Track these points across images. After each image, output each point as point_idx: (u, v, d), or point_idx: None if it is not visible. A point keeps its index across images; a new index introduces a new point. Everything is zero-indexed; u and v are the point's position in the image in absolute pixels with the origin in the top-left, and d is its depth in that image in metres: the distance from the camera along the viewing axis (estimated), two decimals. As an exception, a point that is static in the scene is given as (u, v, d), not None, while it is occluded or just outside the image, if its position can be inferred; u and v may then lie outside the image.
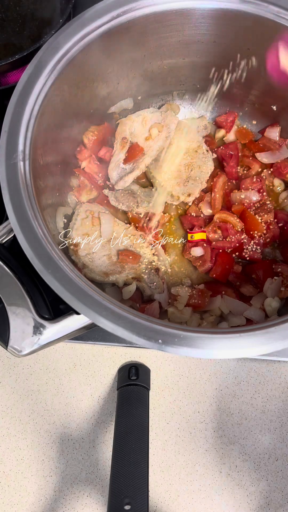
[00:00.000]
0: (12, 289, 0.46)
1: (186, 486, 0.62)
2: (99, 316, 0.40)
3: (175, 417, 0.64)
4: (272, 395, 0.65)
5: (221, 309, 0.58)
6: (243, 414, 0.64)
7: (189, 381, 0.65)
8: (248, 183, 0.64)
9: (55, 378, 0.66)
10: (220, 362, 0.66)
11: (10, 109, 0.47)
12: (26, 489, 0.62)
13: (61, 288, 0.40)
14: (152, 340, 0.39)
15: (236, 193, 0.64)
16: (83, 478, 0.62)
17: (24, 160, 0.46)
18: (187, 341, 0.39)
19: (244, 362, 0.66)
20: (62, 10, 0.68)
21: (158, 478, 0.62)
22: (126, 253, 0.58)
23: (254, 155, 0.68)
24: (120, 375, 0.65)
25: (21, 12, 0.71)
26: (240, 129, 0.70)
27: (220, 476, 0.62)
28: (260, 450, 0.62)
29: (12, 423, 0.64)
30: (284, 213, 0.65)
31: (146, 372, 0.65)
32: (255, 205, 0.64)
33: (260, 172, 0.68)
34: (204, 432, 0.63)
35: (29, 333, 0.45)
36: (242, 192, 0.64)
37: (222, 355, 0.39)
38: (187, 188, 0.64)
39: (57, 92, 0.51)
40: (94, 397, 0.65)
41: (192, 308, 0.58)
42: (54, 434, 0.64)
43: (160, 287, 0.59)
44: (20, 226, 0.43)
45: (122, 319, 0.40)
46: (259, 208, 0.64)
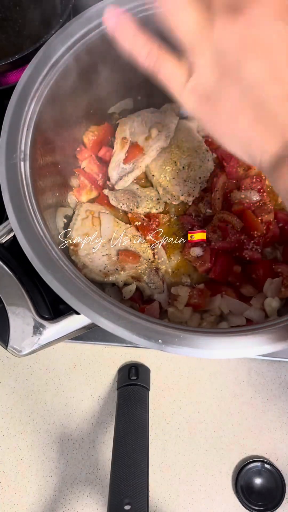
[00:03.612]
0: (12, 289, 0.46)
1: (186, 486, 0.62)
2: (99, 316, 0.40)
3: (175, 417, 0.64)
4: (272, 395, 0.65)
5: (221, 309, 0.58)
6: (243, 414, 0.64)
7: (189, 381, 0.65)
8: (248, 183, 0.64)
9: (55, 378, 0.66)
10: (220, 362, 0.66)
11: (10, 109, 0.47)
12: (26, 489, 0.62)
13: (61, 288, 0.40)
14: (152, 340, 0.39)
15: (236, 193, 0.64)
16: (83, 478, 0.62)
17: (24, 160, 0.45)
18: (187, 341, 0.39)
19: (244, 362, 0.66)
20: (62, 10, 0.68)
21: (158, 478, 0.62)
22: (126, 253, 0.58)
23: (254, 155, 0.68)
24: (120, 375, 0.65)
25: (21, 12, 0.71)
26: (240, 129, 0.70)
27: (220, 476, 0.62)
28: (260, 450, 0.62)
29: (12, 423, 0.64)
30: (284, 213, 0.64)
31: (146, 372, 0.65)
32: (255, 205, 0.64)
33: (260, 172, 0.68)
34: (204, 432, 0.63)
35: (29, 333, 0.45)
36: (242, 192, 0.64)
37: (222, 355, 0.39)
38: (187, 188, 0.64)
39: (57, 92, 0.51)
40: (94, 397, 0.65)
41: (192, 308, 0.58)
42: (54, 434, 0.64)
43: (160, 287, 0.59)
44: (20, 226, 0.43)
45: (122, 319, 0.40)
46: (259, 208, 0.63)
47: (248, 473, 0.61)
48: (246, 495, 0.60)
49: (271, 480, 0.60)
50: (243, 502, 0.59)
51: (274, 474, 0.60)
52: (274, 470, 0.61)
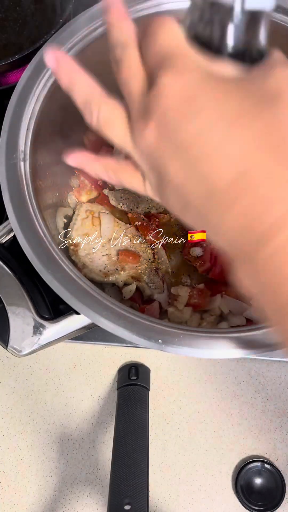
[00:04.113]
0: (12, 289, 0.46)
1: (186, 486, 0.62)
2: (99, 316, 0.40)
3: (175, 417, 0.64)
4: (272, 395, 0.65)
5: (221, 309, 0.58)
6: (243, 414, 0.64)
7: (189, 381, 0.65)
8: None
9: (55, 378, 0.66)
10: (220, 362, 0.66)
11: (10, 109, 0.47)
12: (26, 489, 0.62)
13: (61, 288, 0.40)
14: (152, 340, 0.39)
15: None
16: (83, 478, 0.62)
17: (24, 160, 0.45)
18: (187, 341, 0.39)
19: (244, 362, 0.66)
20: (62, 10, 0.68)
21: (158, 478, 0.62)
22: (126, 253, 0.58)
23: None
24: (120, 375, 0.65)
25: (21, 12, 0.71)
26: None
27: (220, 476, 0.62)
28: (260, 450, 0.62)
29: (12, 423, 0.64)
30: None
31: (146, 372, 0.65)
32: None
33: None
34: (204, 432, 0.63)
35: (29, 333, 0.45)
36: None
37: (222, 355, 0.39)
38: (187, 188, 0.64)
39: (57, 92, 0.51)
40: (94, 397, 0.65)
41: (192, 308, 0.58)
42: (54, 434, 0.64)
43: (160, 287, 0.59)
44: (20, 226, 0.43)
45: (122, 319, 0.40)
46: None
47: (248, 473, 0.61)
48: (246, 495, 0.60)
49: (271, 480, 0.60)
50: (243, 502, 0.60)
51: (274, 474, 0.60)
52: (274, 470, 0.61)
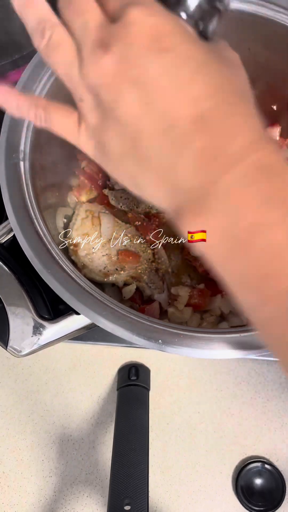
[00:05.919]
0: (11, 289, 0.45)
1: (186, 487, 0.61)
2: (99, 316, 0.40)
3: (175, 417, 0.64)
4: (272, 395, 0.64)
5: (221, 309, 0.58)
6: (243, 414, 0.64)
7: (189, 381, 0.65)
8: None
9: (54, 379, 0.66)
10: (220, 362, 0.66)
11: (10, 109, 0.47)
12: (25, 490, 0.62)
13: (61, 288, 0.40)
14: (152, 340, 0.39)
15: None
16: (83, 478, 0.62)
17: (24, 160, 0.45)
18: (187, 341, 0.39)
19: (244, 362, 0.66)
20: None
21: (158, 478, 0.62)
22: (126, 253, 0.58)
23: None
24: (120, 376, 0.65)
25: (21, 12, 0.71)
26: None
27: (220, 477, 0.62)
28: (260, 451, 0.62)
29: (11, 424, 0.64)
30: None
31: (146, 372, 0.65)
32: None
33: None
34: (204, 433, 0.63)
35: (28, 333, 0.44)
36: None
37: (222, 355, 0.39)
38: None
39: (57, 92, 0.51)
40: (94, 398, 0.65)
41: (192, 308, 0.58)
42: (53, 435, 0.64)
43: (160, 287, 0.59)
44: (20, 226, 0.42)
45: (122, 319, 0.40)
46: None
47: (248, 474, 0.61)
48: (247, 495, 0.60)
49: (272, 481, 0.60)
50: (243, 502, 0.59)
51: (275, 474, 0.60)
52: (274, 470, 0.60)
